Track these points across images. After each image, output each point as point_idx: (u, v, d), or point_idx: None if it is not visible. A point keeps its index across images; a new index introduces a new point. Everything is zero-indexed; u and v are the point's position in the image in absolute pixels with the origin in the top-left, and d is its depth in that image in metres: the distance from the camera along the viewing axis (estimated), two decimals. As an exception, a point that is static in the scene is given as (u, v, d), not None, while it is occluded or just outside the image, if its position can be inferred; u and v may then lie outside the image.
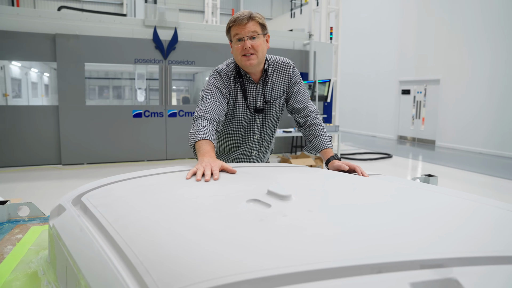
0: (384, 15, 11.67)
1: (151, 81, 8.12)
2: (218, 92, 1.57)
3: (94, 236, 0.82)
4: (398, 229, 0.72)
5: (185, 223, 0.77)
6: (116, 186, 1.07)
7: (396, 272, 0.58)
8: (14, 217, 1.46)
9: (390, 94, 11.49)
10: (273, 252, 0.62)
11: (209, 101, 1.52)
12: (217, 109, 1.51)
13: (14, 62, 7.06)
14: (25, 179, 5.62)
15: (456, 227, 0.77)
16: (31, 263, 1.05)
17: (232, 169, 1.17)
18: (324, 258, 0.60)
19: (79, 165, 6.57)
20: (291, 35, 8.35)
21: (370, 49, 12.19)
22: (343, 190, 1.03)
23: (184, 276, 0.59)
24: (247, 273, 0.56)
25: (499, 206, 0.95)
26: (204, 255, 0.64)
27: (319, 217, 0.77)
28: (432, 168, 7.02)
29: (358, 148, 9.44)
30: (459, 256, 0.62)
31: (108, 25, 6.69)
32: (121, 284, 0.63)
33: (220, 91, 1.58)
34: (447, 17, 9.53)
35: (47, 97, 9.14)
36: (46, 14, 6.43)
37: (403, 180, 1.29)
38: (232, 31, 1.56)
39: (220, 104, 1.53)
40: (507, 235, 0.75)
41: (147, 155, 7.02)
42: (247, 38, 1.53)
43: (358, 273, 0.57)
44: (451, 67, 9.44)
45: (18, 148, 6.31)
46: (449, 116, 9.54)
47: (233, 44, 1.58)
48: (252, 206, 0.82)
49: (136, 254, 0.69)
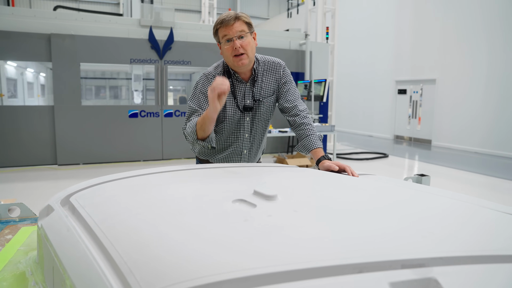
0: (380, 15, 11.70)
1: (147, 81, 8.11)
2: (205, 99, 1.60)
3: (80, 237, 0.82)
4: (381, 229, 0.73)
5: (171, 222, 0.78)
6: (105, 186, 1.07)
7: (377, 272, 0.58)
8: (5, 217, 1.46)
9: (386, 94, 11.52)
10: (255, 252, 0.63)
11: (199, 112, 1.58)
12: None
13: (9, 62, 7.03)
14: (20, 179, 5.60)
15: (440, 227, 0.77)
16: (20, 263, 1.04)
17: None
18: (305, 258, 0.60)
19: (75, 165, 6.55)
20: (287, 35, 8.36)
21: (366, 49, 12.22)
22: (330, 190, 1.03)
23: (167, 275, 0.59)
24: (227, 273, 0.57)
25: (487, 205, 0.96)
26: (188, 254, 0.64)
27: (304, 217, 0.77)
28: (428, 168, 7.05)
29: (355, 148, 9.46)
30: (440, 255, 0.63)
31: (104, 25, 6.67)
32: (105, 284, 0.63)
33: (206, 97, 1.61)
34: (443, 16, 9.57)
35: (43, 97, 9.11)
36: (41, 14, 6.41)
37: (392, 180, 1.29)
38: (220, 33, 1.58)
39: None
40: (489, 234, 0.76)
41: (143, 155, 7.01)
42: (236, 38, 1.55)
43: (339, 273, 0.57)
44: (447, 67, 9.48)
45: (14, 148, 6.28)
46: (445, 115, 9.58)
47: (222, 45, 1.60)
48: (237, 206, 0.83)
49: (121, 254, 0.69)
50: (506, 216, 0.88)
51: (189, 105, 1.65)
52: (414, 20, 10.47)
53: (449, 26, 9.38)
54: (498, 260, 0.64)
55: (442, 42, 9.58)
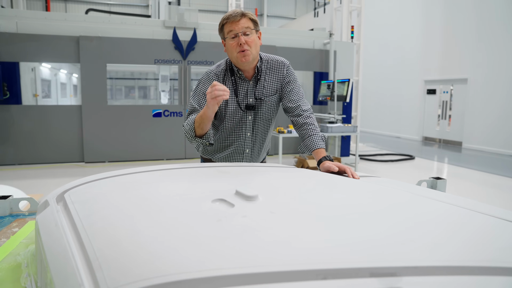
0: (408, 13, 11.35)
1: (170, 82, 8.26)
2: (205, 98, 1.62)
3: (65, 231, 0.85)
4: (356, 235, 0.70)
5: (147, 220, 0.79)
6: (97, 184, 1.10)
7: (342, 279, 0.56)
8: (16, 211, 1.53)
9: (414, 94, 11.16)
10: (221, 252, 0.62)
11: (198, 111, 1.60)
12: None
13: (44, 64, 7.38)
14: (49, 175, 5.86)
15: (424, 234, 0.73)
16: (18, 255, 1.09)
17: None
18: (270, 262, 0.59)
19: (101, 163, 6.78)
20: (311, 35, 8.27)
21: (393, 48, 11.89)
22: (317, 193, 1.00)
23: (132, 272, 0.60)
24: (186, 273, 0.57)
25: (487, 211, 0.90)
26: (156, 252, 0.65)
27: (279, 219, 0.76)
28: (457, 171, 6.76)
29: (380, 149, 9.22)
30: (415, 265, 0.59)
31: (130, 26, 6.86)
32: (77, 279, 0.65)
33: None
34: (475, 13, 9.15)
35: (75, 97, 9.50)
36: (71, 18, 6.69)
37: (395, 183, 1.24)
38: (226, 28, 1.60)
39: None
40: (477, 243, 0.71)
41: (166, 154, 7.15)
42: (241, 34, 1.56)
43: (302, 278, 0.55)
44: (480, 66, 9.05)
45: (44, 146, 6.59)
46: (477, 116, 9.15)
47: (227, 41, 1.61)
48: (216, 206, 0.82)
49: (95, 250, 0.71)
50: (502, 223, 0.82)
51: (190, 102, 1.67)
52: (445, 17, 10.07)
53: (483, 21, 8.94)
54: (479, 272, 0.60)
55: (475, 39, 9.16)
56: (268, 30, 8.56)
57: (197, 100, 1.64)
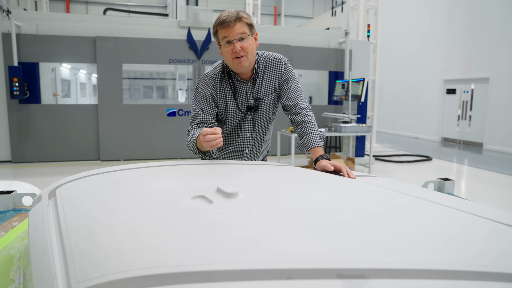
0: (428, 10, 11.07)
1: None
2: (206, 102, 1.64)
3: (49, 226, 0.86)
4: (328, 235, 0.67)
5: (124, 215, 0.79)
6: (88, 179, 1.11)
7: (306, 279, 0.54)
8: (19, 206, 1.56)
9: (433, 93, 10.89)
10: (191, 248, 0.62)
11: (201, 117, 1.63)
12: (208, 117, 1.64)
13: (64, 64, 7.58)
14: (66, 173, 6.01)
15: (404, 236, 0.70)
16: (13, 249, 1.11)
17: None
18: (235, 259, 0.58)
19: (116, 161, 6.91)
20: (327, 34, 8.18)
21: (412, 47, 11.63)
22: (302, 192, 0.98)
23: (102, 266, 0.61)
24: (152, 268, 0.57)
25: (486, 215, 0.85)
26: (128, 247, 0.65)
27: (254, 217, 0.74)
28: (476, 173, 6.55)
29: (396, 149, 9.04)
30: (386, 267, 0.57)
31: (145, 27, 6.97)
32: (51, 273, 0.66)
33: (207, 100, 1.64)
34: (497, 10, 8.84)
35: (94, 97, 9.73)
36: (88, 19, 6.84)
37: (392, 183, 1.20)
38: (220, 34, 1.53)
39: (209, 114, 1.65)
40: (463, 246, 0.68)
41: (180, 152, 7.22)
42: (236, 41, 1.50)
43: (265, 277, 0.54)
44: (502, 65, 8.75)
45: (62, 144, 6.77)
46: (499, 117, 8.85)
47: (222, 47, 1.55)
48: (194, 202, 0.82)
49: (71, 244, 0.72)
50: (499, 227, 0.78)
51: (192, 107, 1.67)
52: (466, 14, 9.78)
53: (506, 19, 8.64)
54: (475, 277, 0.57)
55: (497, 37, 8.86)
56: (282, 30, 8.52)
57: (199, 105, 1.64)
